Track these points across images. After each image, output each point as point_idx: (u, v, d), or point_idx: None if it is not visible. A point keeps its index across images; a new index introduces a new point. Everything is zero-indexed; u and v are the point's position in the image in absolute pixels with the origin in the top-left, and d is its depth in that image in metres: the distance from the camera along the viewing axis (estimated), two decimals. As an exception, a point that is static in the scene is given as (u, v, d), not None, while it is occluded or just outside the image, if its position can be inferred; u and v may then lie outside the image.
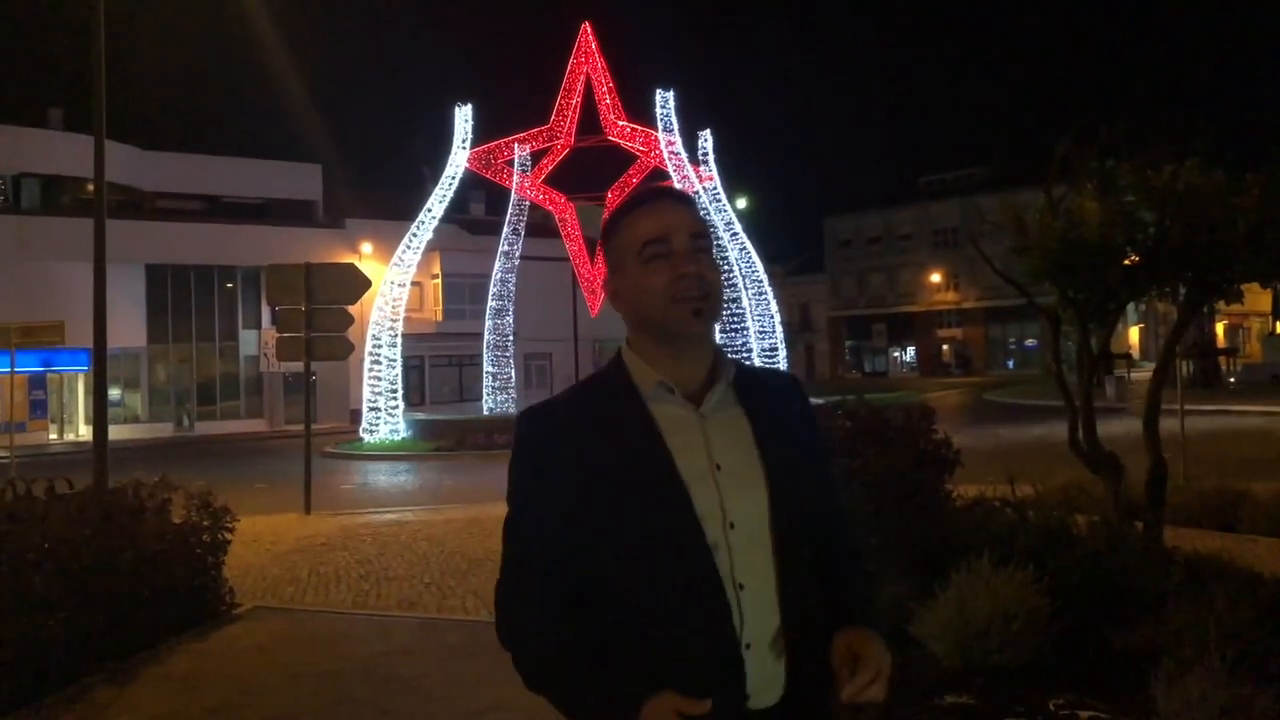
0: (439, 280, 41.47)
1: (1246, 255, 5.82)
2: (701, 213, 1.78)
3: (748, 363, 1.88)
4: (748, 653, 1.60)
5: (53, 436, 33.41)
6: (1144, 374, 35.12)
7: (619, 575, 1.62)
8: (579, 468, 1.64)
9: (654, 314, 1.68)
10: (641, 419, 1.66)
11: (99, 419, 10.91)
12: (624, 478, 1.62)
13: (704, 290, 1.65)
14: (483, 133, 27.42)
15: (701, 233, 1.70)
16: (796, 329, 62.34)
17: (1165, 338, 6.77)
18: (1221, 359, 37.75)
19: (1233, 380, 36.36)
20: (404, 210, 33.71)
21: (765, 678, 1.63)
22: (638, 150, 27.94)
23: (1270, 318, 50.98)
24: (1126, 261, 6.33)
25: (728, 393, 1.73)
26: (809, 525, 1.73)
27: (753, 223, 35.65)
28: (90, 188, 14.42)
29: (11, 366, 17.37)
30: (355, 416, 30.28)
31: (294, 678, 5.79)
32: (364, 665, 5.99)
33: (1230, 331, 56.30)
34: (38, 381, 32.01)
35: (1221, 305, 6.95)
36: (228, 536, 7.50)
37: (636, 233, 1.69)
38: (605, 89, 26.97)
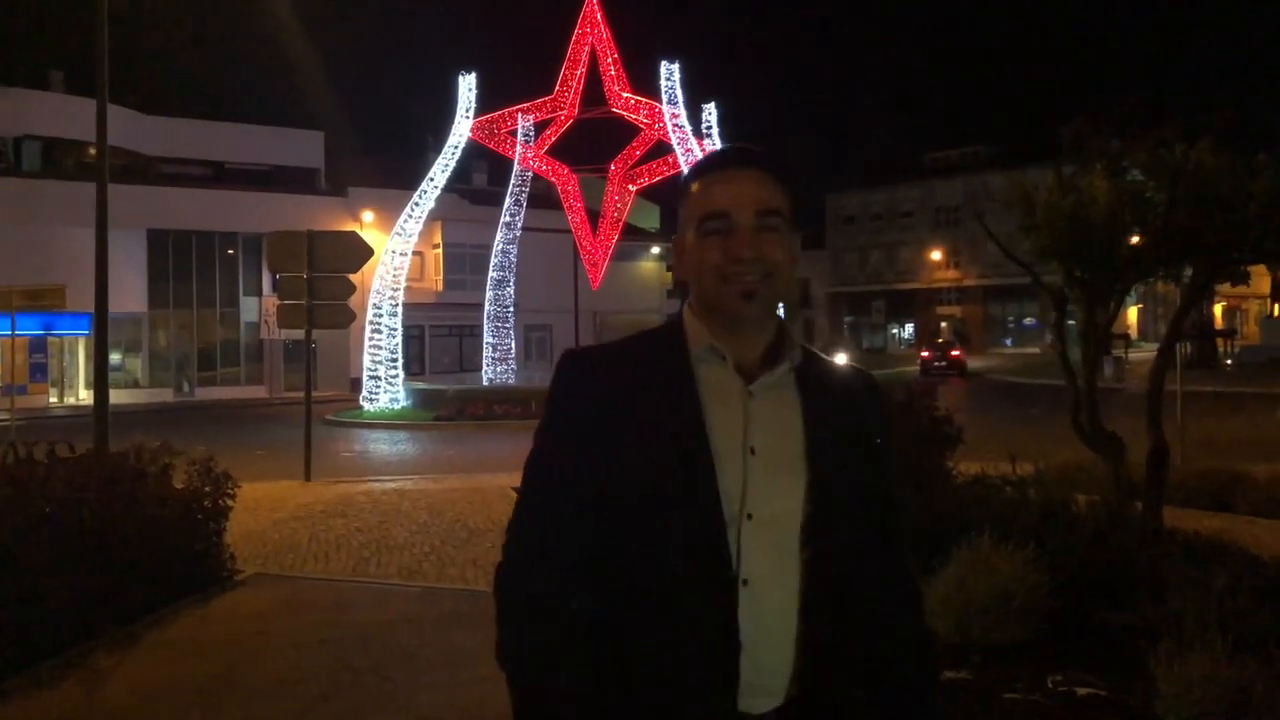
0: (440, 250, 41.35)
1: (1256, 237, 5.79)
2: (787, 181, 1.59)
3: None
4: (743, 654, 1.47)
5: (53, 400, 33.38)
6: (1142, 354, 35.15)
7: (629, 541, 1.49)
8: (609, 418, 1.52)
9: (706, 292, 1.57)
10: (684, 380, 1.54)
11: (100, 383, 10.91)
12: (651, 438, 1.50)
13: (763, 272, 1.53)
14: (486, 102, 27.20)
15: (772, 209, 1.55)
16: (795, 304, 62.26)
17: (1165, 319, 6.76)
18: (1219, 341, 37.72)
19: (1229, 362, 36.35)
20: (406, 179, 33.53)
21: (762, 682, 1.50)
22: (641, 122, 27.74)
23: (1269, 300, 50.92)
24: (1134, 241, 6.31)
25: (787, 377, 1.59)
26: (852, 529, 1.57)
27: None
28: (92, 151, 14.36)
29: (12, 330, 17.34)
30: (355, 385, 30.27)
31: (294, 645, 5.81)
32: (363, 633, 6.02)
33: (1228, 314, 56.25)
34: (39, 345, 31.97)
35: (1228, 286, 6.94)
36: (229, 503, 7.49)
37: (700, 202, 1.57)
38: (610, 60, 26.75)
